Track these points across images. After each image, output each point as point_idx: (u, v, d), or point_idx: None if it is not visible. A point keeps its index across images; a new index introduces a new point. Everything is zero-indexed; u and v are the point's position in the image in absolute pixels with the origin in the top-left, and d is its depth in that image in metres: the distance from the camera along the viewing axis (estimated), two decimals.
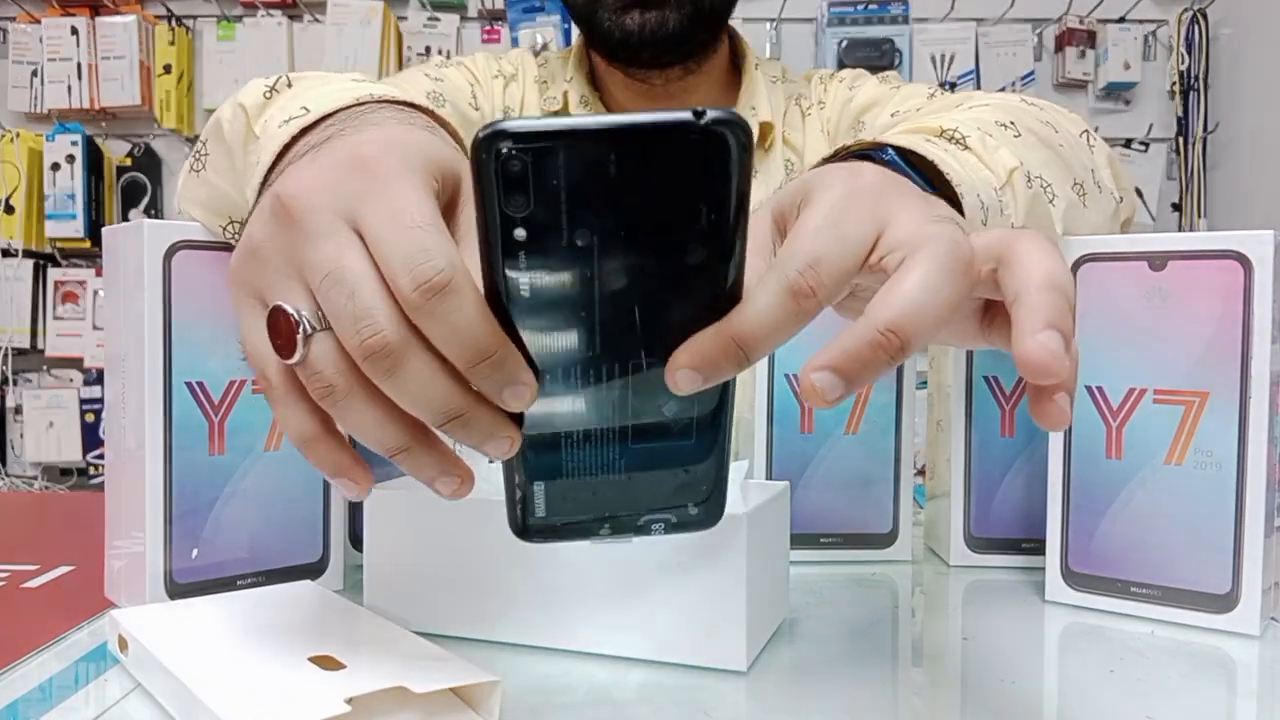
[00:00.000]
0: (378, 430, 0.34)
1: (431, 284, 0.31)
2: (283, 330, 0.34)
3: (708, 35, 0.92)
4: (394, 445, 0.35)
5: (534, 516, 0.37)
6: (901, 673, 0.47)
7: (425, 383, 0.32)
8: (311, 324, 0.34)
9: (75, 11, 2.14)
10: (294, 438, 0.36)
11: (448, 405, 0.33)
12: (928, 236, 0.33)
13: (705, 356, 0.32)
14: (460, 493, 0.36)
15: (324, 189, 0.35)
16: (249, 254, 0.37)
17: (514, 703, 0.40)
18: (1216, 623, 0.51)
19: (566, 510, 0.37)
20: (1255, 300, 0.49)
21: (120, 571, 0.52)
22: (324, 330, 0.34)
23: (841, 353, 0.32)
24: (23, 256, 2.13)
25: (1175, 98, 2.12)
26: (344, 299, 0.32)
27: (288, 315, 0.34)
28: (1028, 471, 0.62)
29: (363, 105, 0.44)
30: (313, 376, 0.34)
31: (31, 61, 2.16)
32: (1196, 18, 2.08)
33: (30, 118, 2.20)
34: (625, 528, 0.37)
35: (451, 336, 0.31)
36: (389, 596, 0.49)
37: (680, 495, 0.37)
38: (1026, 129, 0.57)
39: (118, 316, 0.51)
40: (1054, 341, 0.31)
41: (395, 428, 0.34)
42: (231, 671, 0.38)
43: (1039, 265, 0.34)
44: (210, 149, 0.53)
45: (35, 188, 2.13)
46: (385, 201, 0.33)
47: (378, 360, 0.32)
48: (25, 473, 2.17)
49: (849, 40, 2.04)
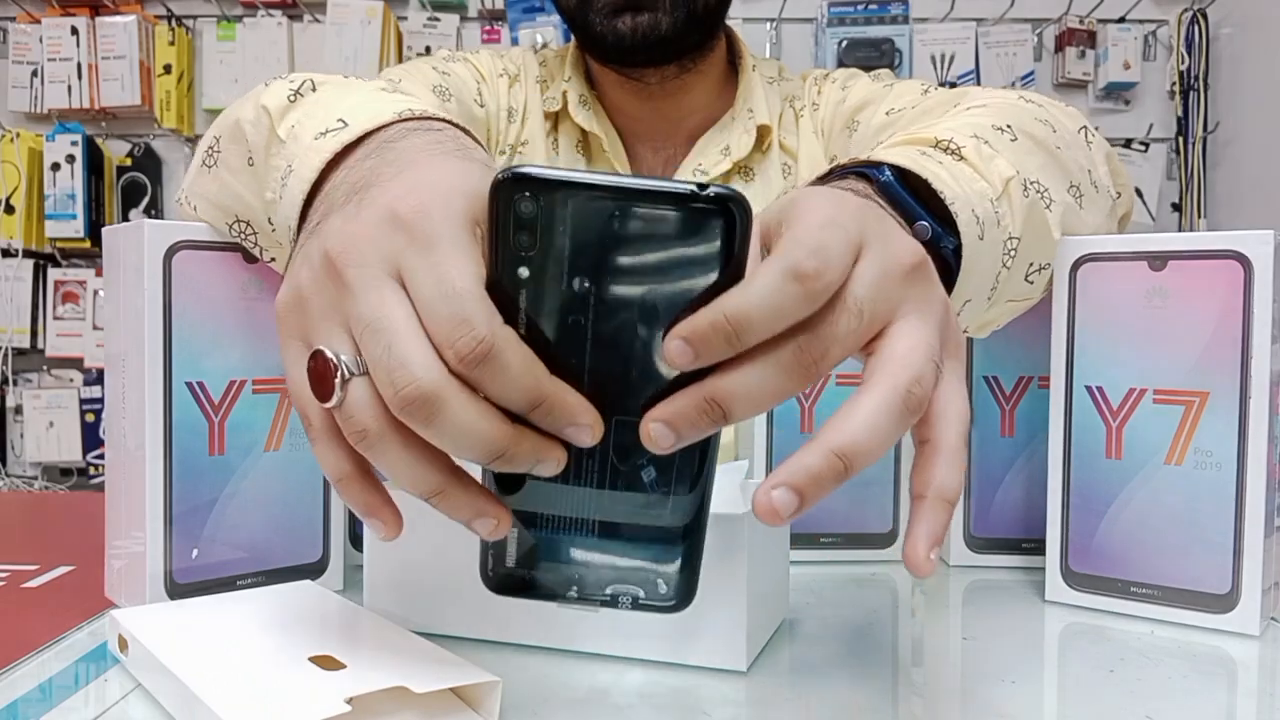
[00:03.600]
0: (411, 473, 0.35)
1: (475, 354, 0.32)
2: (321, 374, 0.35)
3: (702, 36, 0.91)
4: (428, 488, 0.35)
5: (504, 566, 0.38)
6: (901, 673, 0.47)
7: (465, 427, 0.33)
8: (350, 369, 0.35)
9: (75, 11, 2.14)
10: (330, 476, 0.37)
11: (492, 443, 0.33)
12: (891, 343, 0.36)
13: (697, 331, 0.32)
14: (498, 533, 0.36)
15: (367, 244, 0.35)
16: (296, 301, 0.38)
17: (514, 703, 0.40)
18: (1216, 623, 0.51)
19: (537, 564, 0.37)
20: (1255, 300, 0.49)
21: (120, 571, 0.52)
22: (361, 376, 0.34)
23: (800, 469, 0.34)
24: (23, 256, 2.13)
25: (1175, 98, 2.12)
26: (381, 350, 0.33)
27: (327, 360, 0.35)
28: (1028, 471, 0.62)
29: (397, 125, 0.44)
30: (348, 420, 0.35)
31: (31, 61, 2.16)
32: (1196, 18, 2.08)
33: (30, 118, 2.20)
34: (593, 594, 0.38)
35: (503, 392, 0.33)
36: (389, 596, 0.49)
37: (651, 570, 0.37)
38: (1024, 132, 0.56)
39: (118, 316, 0.51)
40: (934, 557, 0.36)
41: (428, 471, 0.35)
42: (231, 671, 0.38)
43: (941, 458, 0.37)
44: (225, 147, 0.53)
45: (35, 188, 2.13)
46: (428, 264, 0.34)
47: (414, 410, 0.33)
48: (25, 473, 2.17)
49: (849, 40, 2.04)
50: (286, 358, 0.39)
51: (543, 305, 0.33)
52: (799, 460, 0.34)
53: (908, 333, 0.35)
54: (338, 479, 0.37)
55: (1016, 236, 0.51)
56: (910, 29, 2.06)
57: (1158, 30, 2.13)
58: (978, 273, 0.49)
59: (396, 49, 2.12)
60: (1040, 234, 0.53)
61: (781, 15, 2.12)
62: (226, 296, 0.50)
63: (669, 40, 0.87)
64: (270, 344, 0.52)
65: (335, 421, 0.36)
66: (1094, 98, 2.13)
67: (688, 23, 0.87)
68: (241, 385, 0.51)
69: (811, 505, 0.34)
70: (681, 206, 0.32)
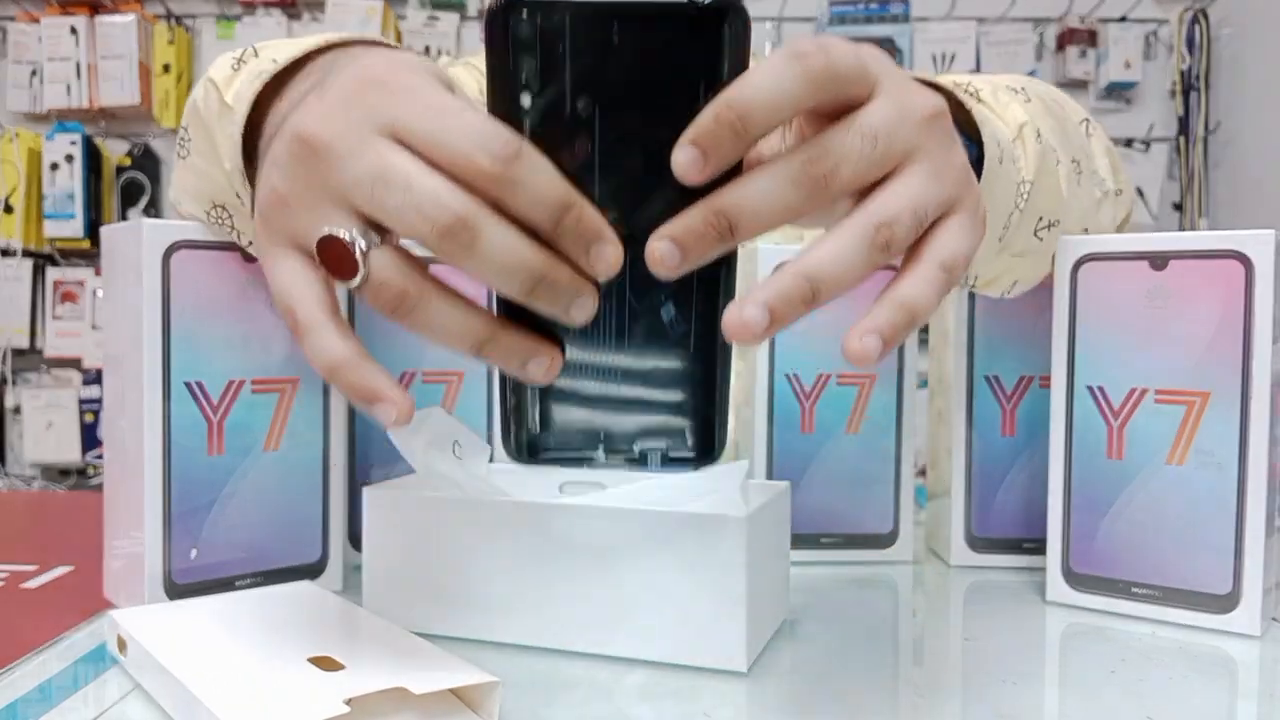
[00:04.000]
0: (460, 324, 0.34)
1: (506, 152, 0.31)
2: (339, 254, 0.34)
3: None
4: (478, 336, 0.34)
5: (529, 431, 0.37)
6: (901, 673, 0.47)
7: (508, 247, 0.32)
8: (365, 241, 0.34)
9: (74, 11, 2.14)
10: (325, 366, 0.36)
11: (533, 266, 0.33)
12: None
13: (702, 127, 0.32)
14: (553, 370, 0.35)
15: (345, 111, 0.34)
16: (275, 204, 0.36)
17: (514, 703, 0.40)
18: (1217, 623, 0.50)
19: (562, 427, 0.37)
20: (1256, 300, 0.49)
21: (119, 572, 0.51)
22: (380, 244, 0.34)
23: (771, 289, 0.33)
24: (22, 256, 2.13)
25: (1176, 97, 2.12)
26: (400, 194, 0.32)
27: (339, 239, 0.34)
28: (1028, 471, 0.62)
29: (337, 47, 0.44)
30: (380, 289, 0.34)
31: (31, 61, 2.16)
32: (1197, 17, 2.08)
33: (29, 117, 2.20)
34: (619, 454, 0.37)
35: (536, 198, 0.32)
36: (389, 596, 0.49)
37: (676, 422, 0.36)
38: (1036, 96, 0.57)
39: (116, 316, 0.50)
40: (874, 346, 0.34)
41: (475, 319, 0.34)
42: (231, 672, 0.38)
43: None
44: (191, 133, 0.52)
45: (34, 187, 2.13)
46: (423, 102, 0.33)
47: (456, 235, 0.32)
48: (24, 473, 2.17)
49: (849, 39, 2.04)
50: (270, 263, 0.37)
51: (548, 134, 0.32)
52: (770, 282, 0.33)
53: (904, 180, 0.35)
54: (335, 367, 0.35)
55: (1029, 180, 0.51)
56: (911, 28, 2.06)
57: (1158, 30, 2.13)
58: (994, 198, 0.48)
59: None
60: (1050, 186, 0.53)
61: (781, 15, 2.12)
62: (226, 296, 0.50)
63: None
64: (270, 344, 0.52)
65: (329, 307, 0.35)
66: (1095, 97, 2.13)
67: None
68: (240, 385, 0.51)
69: (780, 327, 0.33)
70: (680, 17, 0.32)
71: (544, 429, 0.37)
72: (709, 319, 0.35)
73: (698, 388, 0.36)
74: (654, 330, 0.35)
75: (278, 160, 0.36)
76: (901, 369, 0.63)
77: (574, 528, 0.45)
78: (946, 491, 0.63)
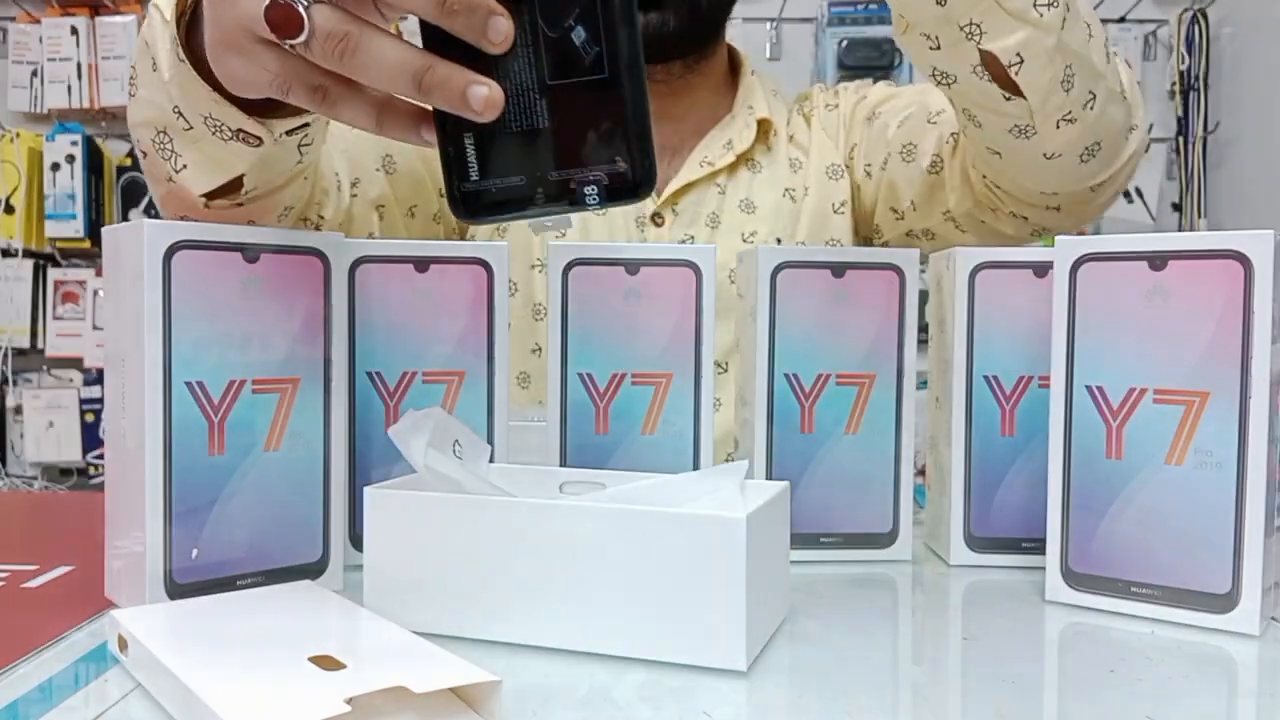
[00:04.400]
0: (399, 58, 0.38)
1: None
2: (285, 14, 0.38)
3: (707, 33, 0.95)
4: (418, 66, 0.38)
5: (469, 180, 0.39)
6: (901, 673, 0.47)
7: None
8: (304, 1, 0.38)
9: (75, 11, 2.14)
10: (403, 74, 0.39)
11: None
12: None
13: None
14: (495, 99, 0.38)
15: None
16: (217, 4, 0.41)
17: (514, 703, 0.40)
18: (1217, 623, 0.51)
19: (499, 171, 0.39)
20: (1255, 300, 0.49)
21: (120, 571, 0.52)
22: (315, 1, 0.38)
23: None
24: (23, 256, 2.13)
25: (1175, 97, 2.12)
26: None
27: (282, 2, 0.38)
28: (1028, 471, 0.62)
29: None
30: (327, 37, 0.38)
31: (31, 61, 2.16)
32: (1197, 18, 2.09)
33: (30, 118, 2.20)
34: (559, 195, 0.39)
35: None
36: (389, 596, 0.49)
37: (606, 149, 0.38)
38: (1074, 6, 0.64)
39: (117, 316, 0.51)
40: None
41: (415, 52, 0.38)
42: (231, 671, 0.38)
43: None
44: (138, 69, 0.60)
45: (35, 188, 2.13)
46: None
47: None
48: (25, 473, 2.17)
49: (849, 40, 2.04)
50: (227, 62, 0.43)
51: None
52: None
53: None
54: (415, 71, 0.39)
55: (1087, 22, 0.62)
56: None
57: (1158, 30, 2.13)
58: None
59: None
60: (1091, 49, 0.64)
61: (781, 15, 2.12)
62: (226, 296, 0.50)
63: (676, 35, 0.91)
64: (271, 344, 0.52)
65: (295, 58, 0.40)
66: None
67: (693, 21, 0.91)
68: (241, 385, 0.51)
69: None
70: None
71: (484, 177, 0.39)
72: (618, 36, 0.37)
73: (621, 114, 0.38)
74: (570, 58, 0.38)
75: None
76: (901, 369, 0.63)
77: (574, 528, 0.45)
78: (946, 491, 0.63)
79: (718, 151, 0.96)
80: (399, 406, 0.61)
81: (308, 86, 0.41)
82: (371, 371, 0.60)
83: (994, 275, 0.61)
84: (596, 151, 0.38)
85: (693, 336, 0.61)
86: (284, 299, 0.52)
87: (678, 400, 0.61)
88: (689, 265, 0.61)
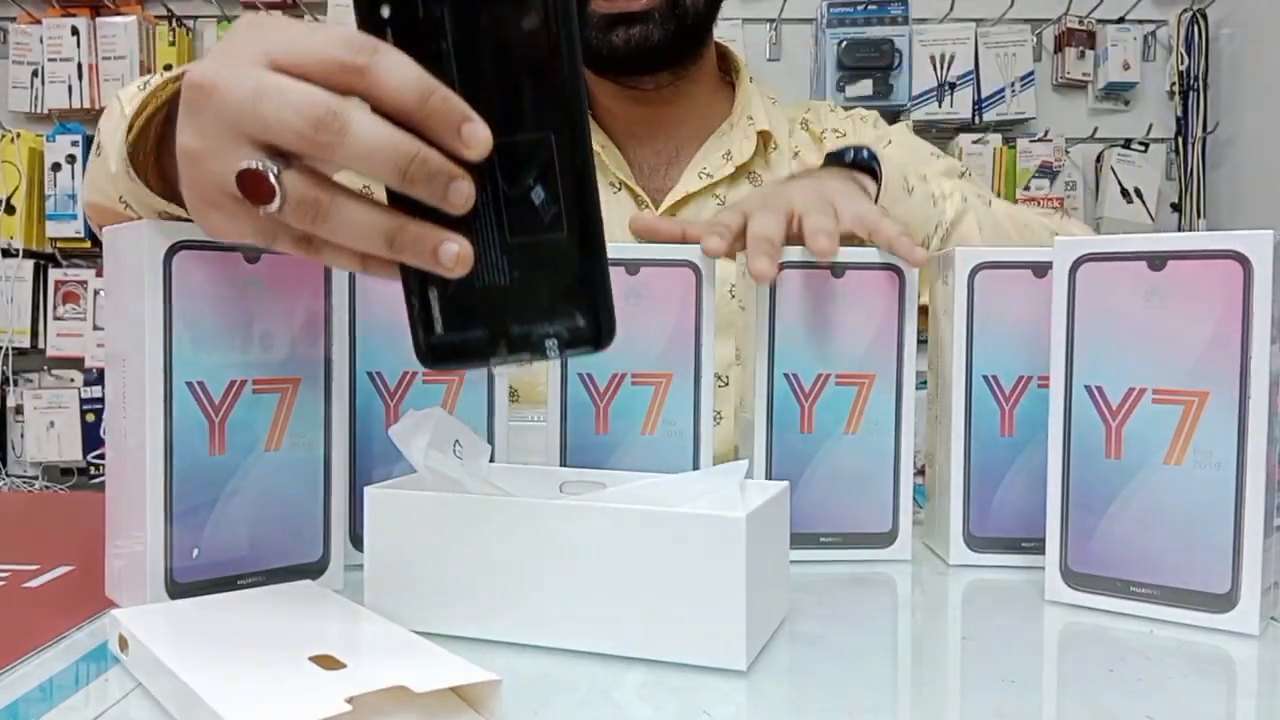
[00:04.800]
0: (370, 220, 0.38)
1: (367, 46, 0.36)
2: (255, 182, 0.38)
3: (692, 44, 0.95)
4: (390, 228, 0.38)
5: (434, 334, 0.40)
6: (901, 673, 0.47)
7: (377, 130, 0.36)
8: (275, 166, 0.38)
9: (76, 12, 2.14)
10: (376, 241, 0.39)
11: (403, 147, 0.36)
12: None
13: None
14: (463, 258, 0.38)
15: (226, 56, 0.39)
16: (190, 162, 0.41)
17: (514, 703, 0.40)
18: (1216, 622, 0.51)
19: (463, 324, 0.40)
20: (1255, 300, 0.49)
21: (121, 571, 0.52)
22: (286, 168, 0.38)
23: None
24: (23, 256, 2.13)
25: (1175, 98, 2.12)
26: (275, 99, 0.36)
27: (252, 170, 0.38)
28: (1027, 471, 0.62)
29: None
30: (298, 206, 0.38)
31: (32, 62, 2.16)
32: (1196, 18, 2.08)
33: (31, 118, 2.19)
34: (521, 346, 0.40)
35: (399, 83, 0.36)
36: (389, 596, 0.49)
37: (566, 305, 0.40)
38: (1006, 215, 0.79)
39: (118, 316, 0.51)
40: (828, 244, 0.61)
41: (386, 214, 0.38)
42: (232, 671, 0.38)
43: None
44: (92, 152, 0.59)
45: (36, 188, 2.13)
46: (290, 31, 0.38)
47: (328, 125, 0.36)
48: (26, 473, 2.17)
49: (849, 40, 2.04)
50: (208, 218, 0.42)
51: (408, 38, 0.37)
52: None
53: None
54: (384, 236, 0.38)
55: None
56: (910, 29, 2.06)
57: (1157, 30, 2.13)
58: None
59: None
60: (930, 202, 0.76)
61: (781, 15, 2.12)
62: (227, 296, 0.50)
63: (661, 50, 0.91)
64: (272, 344, 0.52)
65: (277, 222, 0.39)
66: (1094, 98, 2.13)
67: (678, 33, 0.91)
68: (242, 385, 0.51)
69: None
70: None
71: (447, 330, 0.40)
72: (577, 194, 0.39)
73: (581, 271, 0.40)
74: (530, 217, 0.39)
75: (181, 122, 0.41)
76: (901, 369, 0.63)
77: (574, 528, 0.45)
78: (945, 491, 0.63)
79: (716, 162, 0.96)
80: (399, 406, 0.61)
81: (291, 238, 0.41)
82: (372, 371, 0.61)
83: (993, 275, 0.61)
84: (557, 306, 0.40)
85: (693, 336, 0.61)
86: (285, 299, 0.52)
87: (678, 400, 0.61)
88: (689, 265, 0.61)
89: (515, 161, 0.38)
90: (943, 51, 2.08)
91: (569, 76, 0.38)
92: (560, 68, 0.38)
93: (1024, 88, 2.08)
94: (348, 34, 0.37)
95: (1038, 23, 2.11)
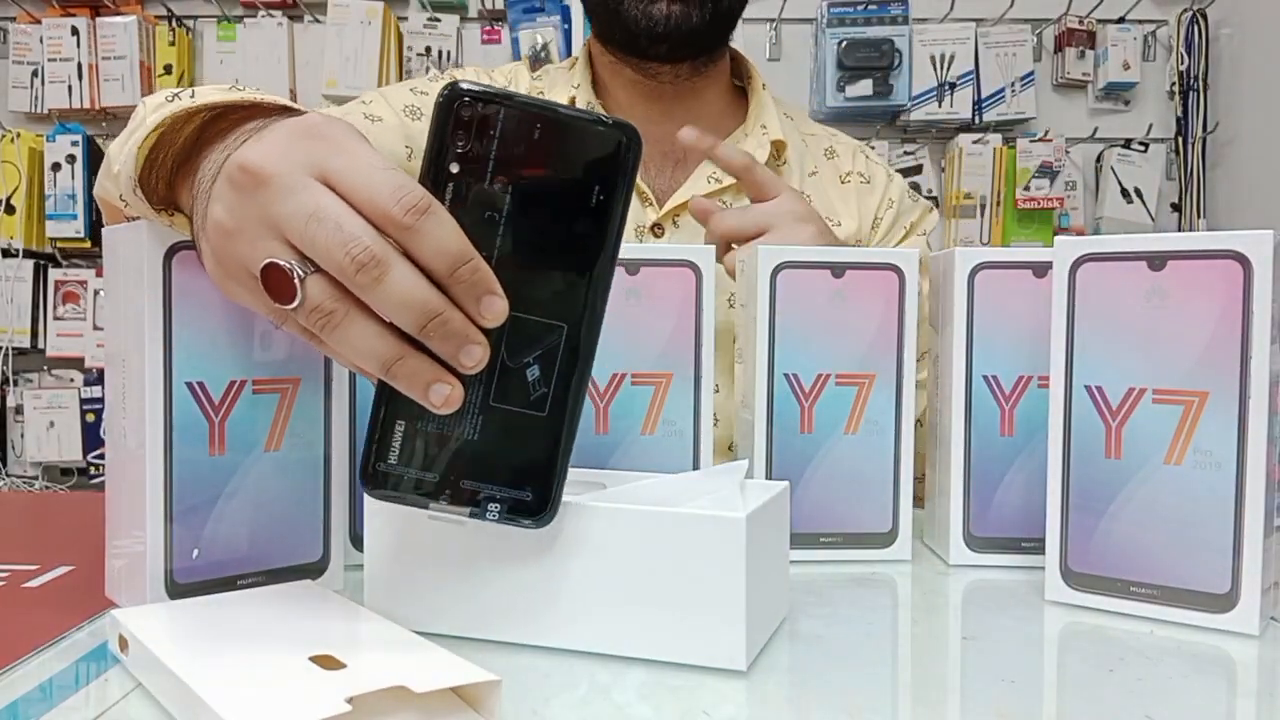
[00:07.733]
0: (376, 342, 0.39)
1: (418, 206, 0.38)
2: (279, 281, 0.39)
3: (719, 35, 0.96)
4: (391, 354, 0.39)
5: (385, 461, 0.42)
6: (901, 673, 0.47)
7: (411, 283, 0.38)
8: (301, 270, 0.39)
9: (76, 12, 2.14)
10: (375, 362, 0.40)
11: (428, 304, 0.38)
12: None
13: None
14: (452, 401, 0.40)
15: (284, 152, 0.40)
16: (221, 235, 0.42)
17: (514, 703, 0.40)
18: (1216, 622, 0.51)
19: (416, 462, 0.42)
20: (1255, 300, 0.49)
21: (120, 571, 0.52)
22: (313, 272, 0.39)
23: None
24: (23, 256, 2.13)
25: (1175, 98, 2.12)
26: (330, 230, 0.38)
27: (280, 267, 0.39)
28: (1027, 471, 0.62)
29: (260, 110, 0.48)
30: (312, 312, 0.39)
31: (32, 62, 2.16)
32: (1196, 18, 2.09)
33: (31, 118, 2.20)
34: (463, 500, 0.42)
35: (437, 248, 0.38)
36: (389, 596, 0.49)
37: (519, 477, 0.42)
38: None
39: (118, 317, 0.51)
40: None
41: (389, 340, 0.39)
42: (232, 671, 0.38)
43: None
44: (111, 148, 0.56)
45: (36, 188, 2.13)
46: (351, 155, 0.39)
47: (368, 270, 0.37)
48: (25, 473, 2.17)
49: (849, 40, 2.04)
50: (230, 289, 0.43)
51: (464, 201, 0.39)
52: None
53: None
54: (383, 361, 0.40)
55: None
56: (910, 29, 2.06)
57: (1157, 30, 2.13)
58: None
59: (397, 50, 2.12)
60: None
61: (781, 15, 2.12)
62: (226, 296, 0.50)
63: (697, 32, 0.91)
64: (271, 344, 0.52)
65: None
66: (1094, 98, 2.13)
67: (713, 19, 0.91)
68: (242, 385, 0.51)
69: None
70: (590, 128, 0.40)
71: (400, 463, 0.42)
72: (566, 385, 0.41)
73: (544, 451, 0.42)
74: (517, 390, 0.41)
75: (221, 195, 0.41)
76: (901, 369, 0.63)
77: (574, 528, 0.45)
78: (945, 491, 0.63)
79: None
80: None
81: (299, 328, 0.42)
82: None
83: (993, 275, 0.61)
84: (510, 475, 0.42)
85: (693, 336, 0.61)
86: None
87: (678, 400, 0.61)
88: (689, 265, 0.61)
89: (524, 337, 0.41)
90: (943, 51, 2.08)
91: (599, 281, 0.41)
92: (593, 271, 0.41)
93: (1024, 88, 2.08)
94: (405, 184, 0.38)
95: (1038, 22, 2.11)
